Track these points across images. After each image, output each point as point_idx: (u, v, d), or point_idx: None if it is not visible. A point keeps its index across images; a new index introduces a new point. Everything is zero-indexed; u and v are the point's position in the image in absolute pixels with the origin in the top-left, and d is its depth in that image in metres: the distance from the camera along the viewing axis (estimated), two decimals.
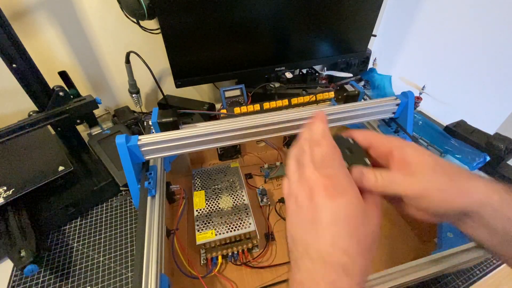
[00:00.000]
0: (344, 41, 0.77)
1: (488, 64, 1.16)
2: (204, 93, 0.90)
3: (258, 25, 0.65)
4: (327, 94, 0.65)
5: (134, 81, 0.70)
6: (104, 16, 0.66)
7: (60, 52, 0.67)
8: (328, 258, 0.21)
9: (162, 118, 0.45)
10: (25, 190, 0.48)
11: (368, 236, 0.22)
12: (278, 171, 0.61)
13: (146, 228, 0.38)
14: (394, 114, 0.53)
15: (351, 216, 0.21)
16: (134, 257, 0.47)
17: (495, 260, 0.49)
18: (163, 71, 0.80)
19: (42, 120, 0.52)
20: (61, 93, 0.54)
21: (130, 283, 0.46)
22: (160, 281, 0.33)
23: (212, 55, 0.66)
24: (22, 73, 0.49)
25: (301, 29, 0.70)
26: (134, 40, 0.70)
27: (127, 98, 0.79)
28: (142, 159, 0.42)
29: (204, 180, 0.55)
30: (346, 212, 0.21)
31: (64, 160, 0.54)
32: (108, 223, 0.55)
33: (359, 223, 0.22)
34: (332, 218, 0.21)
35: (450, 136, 0.69)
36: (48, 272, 0.47)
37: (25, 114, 0.55)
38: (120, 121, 0.72)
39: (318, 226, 0.22)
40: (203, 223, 0.46)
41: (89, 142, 0.65)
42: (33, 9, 0.60)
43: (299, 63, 0.77)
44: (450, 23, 1.06)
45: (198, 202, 0.50)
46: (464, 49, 1.12)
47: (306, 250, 0.22)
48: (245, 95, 0.73)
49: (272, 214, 0.54)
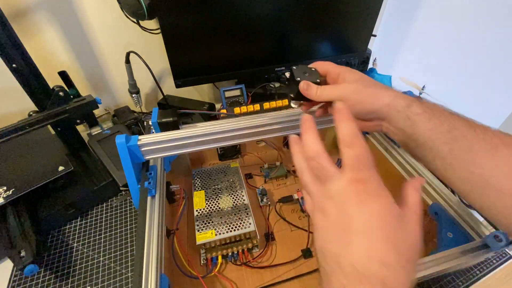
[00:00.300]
0: (344, 41, 0.77)
1: (488, 64, 1.16)
2: (204, 93, 0.90)
3: (258, 25, 0.65)
4: None
5: (134, 81, 0.70)
6: (104, 16, 0.66)
7: (60, 52, 0.67)
8: (364, 272, 0.18)
9: (162, 118, 0.45)
10: (25, 190, 0.48)
11: (408, 243, 0.20)
12: (278, 171, 0.61)
13: (146, 228, 0.38)
14: None
15: (387, 220, 0.20)
16: (134, 257, 0.47)
17: (495, 260, 0.49)
18: (163, 71, 0.80)
19: (42, 120, 0.52)
20: (61, 93, 0.54)
21: (130, 283, 0.46)
22: (160, 281, 0.33)
23: (212, 55, 0.66)
24: (22, 73, 0.49)
25: (301, 29, 0.70)
26: (134, 40, 0.70)
27: (127, 98, 0.79)
28: (142, 159, 0.42)
29: (204, 180, 0.55)
30: (381, 217, 0.20)
31: (64, 160, 0.55)
32: (108, 223, 0.55)
33: (397, 228, 0.20)
34: (365, 225, 0.19)
35: None
36: (48, 272, 0.47)
37: (25, 114, 0.55)
38: (120, 121, 0.72)
39: (350, 235, 0.20)
40: (203, 223, 0.46)
41: (89, 142, 0.65)
42: (33, 9, 0.60)
43: (299, 63, 0.77)
44: (450, 23, 1.06)
45: (198, 202, 0.50)
46: (464, 49, 1.13)
47: (339, 264, 0.20)
48: (245, 95, 0.73)
49: (272, 214, 0.54)
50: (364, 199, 0.20)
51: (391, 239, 0.19)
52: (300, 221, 0.53)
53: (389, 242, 0.19)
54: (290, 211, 0.55)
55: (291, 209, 0.55)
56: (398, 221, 0.21)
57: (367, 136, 0.60)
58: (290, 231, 0.51)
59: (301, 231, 0.51)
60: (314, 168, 0.24)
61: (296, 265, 0.46)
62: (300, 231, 0.51)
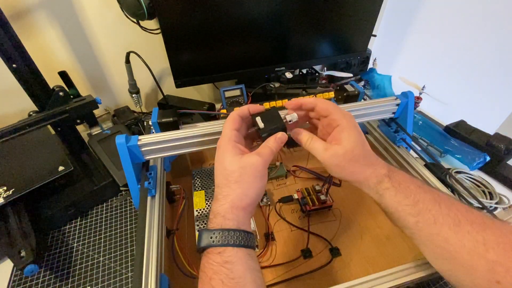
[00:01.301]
0: (344, 41, 0.77)
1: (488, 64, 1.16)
2: (204, 93, 0.90)
3: (258, 25, 0.65)
4: (327, 94, 0.65)
5: (134, 81, 0.70)
6: (104, 16, 0.66)
7: (60, 52, 0.67)
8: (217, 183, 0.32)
9: (162, 118, 0.45)
10: (25, 190, 0.48)
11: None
12: (278, 171, 0.61)
13: (146, 228, 0.38)
14: (394, 114, 0.53)
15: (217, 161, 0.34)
16: (134, 257, 0.47)
17: None
18: (163, 71, 0.80)
19: (42, 120, 0.52)
20: (61, 93, 0.54)
21: (130, 283, 0.46)
22: (160, 281, 0.33)
23: (212, 55, 0.66)
24: (22, 73, 0.49)
25: (301, 29, 0.70)
26: (134, 40, 0.70)
27: (127, 98, 0.79)
28: (142, 159, 0.43)
29: (204, 180, 0.55)
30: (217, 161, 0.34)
31: (64, 160, 0.54)
32: (108, 223, 0.55)
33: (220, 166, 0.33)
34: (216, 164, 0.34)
35: (450, 136, 0.69)
36: (48, 272, 0.47)
37: (25, 114, 0.55)
38: (120, 121, 0.72)
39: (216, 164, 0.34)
40: (203, 223, 0.46)
41: (89, 142, 0.65)
42: (33, 9, 0.60)
43: (299, 63, 0.77)
44: (450, 23, 1.06)
45: (198, 202, 0.50)
46: (464, 49, 1.13)
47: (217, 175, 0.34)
48: (245, 95, 0.73)
49: (272, 214, 0.54)
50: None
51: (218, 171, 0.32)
52: (300, 221, 0.53)
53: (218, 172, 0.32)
54: (290, 211, 0.55)
55: (291, 209, 0.55)
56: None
57: (367, 135, 0.60)
58: (290, 231, 0.51)
59: (301, 231, 0.51)
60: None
61: (296, 265, 0.46)
62: (300, 231, 0.51)
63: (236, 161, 0.30)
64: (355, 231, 0.51)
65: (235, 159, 0.31)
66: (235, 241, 0.27)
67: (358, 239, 0.50)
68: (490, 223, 0.28)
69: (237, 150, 0.32)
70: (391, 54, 1.13)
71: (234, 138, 0.32)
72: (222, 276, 0.26)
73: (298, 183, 0.60)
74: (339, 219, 0.53)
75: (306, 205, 0.52)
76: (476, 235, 0.27)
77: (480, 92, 1.25)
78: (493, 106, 1.32)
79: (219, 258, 0.27)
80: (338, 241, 0.49)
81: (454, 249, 0.28)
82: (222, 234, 0.27)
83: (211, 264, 0.27)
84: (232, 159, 0.31)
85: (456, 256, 0.28)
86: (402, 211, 0.31)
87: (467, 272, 0.27)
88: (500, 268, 0.25)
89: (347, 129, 0.33)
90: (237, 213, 0.29)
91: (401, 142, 0.55)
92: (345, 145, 0.32)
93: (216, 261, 0.27)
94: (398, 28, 1.05)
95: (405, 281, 0.35)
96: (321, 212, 0.54)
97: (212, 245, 0.27)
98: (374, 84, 0.91)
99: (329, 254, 0.47)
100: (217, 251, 0.27)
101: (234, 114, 0.34)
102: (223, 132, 0.33)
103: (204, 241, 0.28)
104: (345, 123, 0.33)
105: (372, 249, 0.48)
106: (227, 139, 0.32)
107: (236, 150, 0.31)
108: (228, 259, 0.27)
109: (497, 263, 0.25)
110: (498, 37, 1.08)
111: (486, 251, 0.26)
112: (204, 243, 0.28)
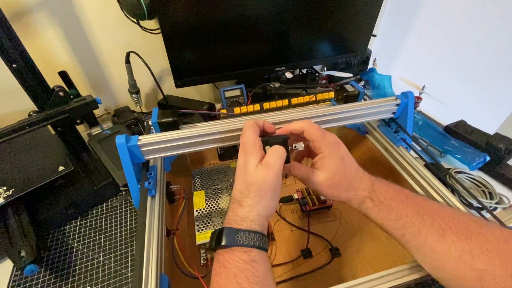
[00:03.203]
0: (344, 41, 0.77)
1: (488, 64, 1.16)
2: (204, 93, 0.90)
3: (258, 25, 0.65)
4: (327, 94, 0.65)
5: (134, 81, 0.70)
6: (104, 16, 0.66)
7: (60, 52, 0.67)
8: (234, 194, 0.34)
9: (162, 118, 0.45)
10: (25, 190, 0.48)
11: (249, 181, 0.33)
12: None
13: (146, 228, 0.38)
14: (394, 114, 0.53)
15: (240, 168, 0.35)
16: (134, 257, 0.47)
17: None
18: (163, 71, 0.80)
19: (42, 120, 0.52)
20: (61, 93, 0.54)
21: (130, 283, 0.46)
22: (160, 281, 0.33)
23: (212, 55, 0.66)
24: (22, 73, 0.49)
25: (301, 29, 0.70)
26: (134, 40, 0.70)
27: (127, 98, 0.79)
28: (142, 159, 0.42)
29: (204, 180, 0.55)
30: (239, 166, 0.35)
31: (64, 160, 0.54)
32: (108, 223, 0.55)
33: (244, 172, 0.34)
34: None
35: (450, 136, 0.69)
36: (48, 272, 0.47)
37: (25, 114, 0.55)
38: (120, 121, 0.72)
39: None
40: (203, 223, 0.46)
41: (89, 142, 0.65)
42: (33, 9, 0.60)
43: (299, 63, 0.77)
44: (450, 23, 1.06)
45: (198, 202, 0.50)
46: (464, 49, 1.13)
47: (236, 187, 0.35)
48: (245, 95, 0.73)
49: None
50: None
51: (241, 179, 0.33)
52: (300, 221, 0.53)
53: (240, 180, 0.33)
54: (290, 211, 0.55)
55: (291, 209, 0.55)
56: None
57: (367, 135, 0.60)
58: (290, 231, 0.51)
59: (301, 231, 0.51)
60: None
61: (296, 265, 0.46)
62: (300, 231, 0.51)
63: (256, 174, 0.32)
64: (355, 231, 0.51)
65: (256, 171, 0.32)
66: (260, 243, 0.30)
67: (358, 239, 0.50)
68: (476, 229, 0.29)
69: (259, 159, 0.33)
70: (391, 54, 1.13)
71: (259, 143, 0.34)
72: (248, 273, 0.28)
73: (298, 183, 0.60)
74: (339, 219, 0.53)
75: (306, 205, 0.52)
76: (461, 244, 0.28)
77: (480, 92, 1.25)
78: (493, 106, 1.32)
79: (246, 256, 0.29)
80: (338, 241, 0.49)
81: (442, 258, 0.29)
82: (248, 235, 0.30)
83: (237, 261, 0.29)
84: (254, 170, 0.32)
85: (445, 265, 0.29)
86: (387, 225, 0.34)
87: (457, 280, 0.29)
88: (488, 276, 0.26)
89: (328, 157, 0.35)
90: (262, 221, 0.32)
91: (401, 142, 0.54)
92: (325, 172, 0.35)
93: (243, 259, 0.29)
94: (398, 28, 1.05)
95: (405, 281, 0.35)
96: (321, 212, 0.54)
97: (239, 244, 0.29)
98: (374, 84, 0.91)
99: (329, 254, 0.48)
100: (243, 250, 0.29)
101: (253, 123, 0.35)
102: (247, 136, 0.34)
103: (229, 239, 0.30)
104: (327, 152, 0.35)
105: (372, 249, 0.48)
106: (252, 144, 0.33)
107: (258, 159, 0.33)
108: (254, 259, 0.29)
109: (485, 271, 0.27)
110: (498, 37, 1.08)
111: (473, 260, 0.27)
112: (228, 241, 0.30)
